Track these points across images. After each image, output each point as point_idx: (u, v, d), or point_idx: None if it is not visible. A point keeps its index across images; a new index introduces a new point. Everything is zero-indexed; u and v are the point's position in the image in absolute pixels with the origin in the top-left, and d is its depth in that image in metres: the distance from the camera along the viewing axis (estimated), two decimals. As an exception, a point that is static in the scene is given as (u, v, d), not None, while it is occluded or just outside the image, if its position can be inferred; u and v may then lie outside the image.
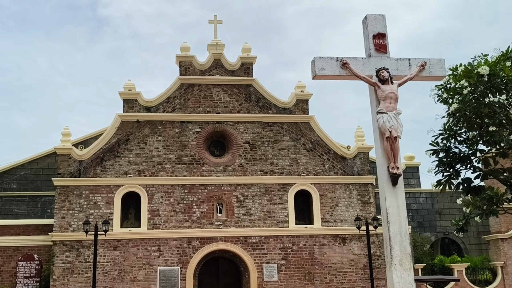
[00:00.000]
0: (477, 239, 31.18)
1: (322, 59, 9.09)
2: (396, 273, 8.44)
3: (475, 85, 13.13)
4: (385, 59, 9.35)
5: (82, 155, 25.96)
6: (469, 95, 13.10)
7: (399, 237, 8.60)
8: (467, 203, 15.83)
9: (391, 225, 8.62)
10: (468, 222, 16.52)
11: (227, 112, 27.20)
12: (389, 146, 8.77)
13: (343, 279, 25.75)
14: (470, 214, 16.15)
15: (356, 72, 9.09)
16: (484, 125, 13.80)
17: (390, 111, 8.89)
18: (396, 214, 8.69)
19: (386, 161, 8.85)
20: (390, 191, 8.75)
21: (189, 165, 26.41)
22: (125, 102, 26.96)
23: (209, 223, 25.83)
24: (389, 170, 8.78)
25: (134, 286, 24.66)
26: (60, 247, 24.77)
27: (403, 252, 8.55)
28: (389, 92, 8.93)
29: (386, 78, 9.00)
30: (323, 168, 27.03)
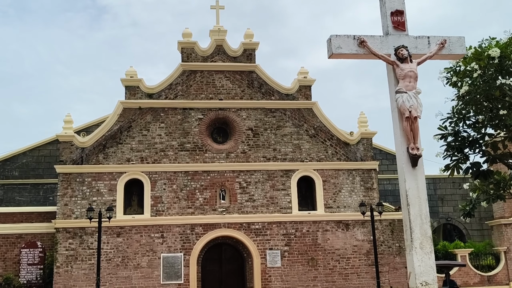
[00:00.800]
0: (480, 224, 30.99)
1: (339, 37, 8.71)
2: (417, 256, 8.14)
3: (486, 67, 12.81)
4: (404, 37, 8.96)
5: (84, 142, 25.56)
6: (479, 78, 12.78)
7: (419, 220, 8.29)
8: (474, 188, 15.58)
9: (411, 207, 8.30)
10: (475, 207, 16.28)
11: (229, 99, 26.80)
12: (408, 127, 8.42)
13: (347, 265, 25.53)
14: (477, 199, 15.92)
15: (374, 51, 8.71)
16: (494, 108, 13.49)
17: (410, 90, 8.54)
18: (416, 196, 8.38)
19: (406, 142, 8.51)
20: (409, 173, 8.43)
21: (191, 152, 26.05)
22: (127, 89, 26.52)
23: (212, 210, 25.53)
24: (408, 151, 8.45)
25: (138, 273, 24.39)
26: (63, 234, 24.45)
27: (423, 235, 8.24)
28: (409, 71, 8.57)
29: (405, 56, 8.64)
30: (326, 154, 26.70)
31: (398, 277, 25.56)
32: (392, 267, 25.40)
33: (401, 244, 26.12)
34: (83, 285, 23.96)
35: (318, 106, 27.12)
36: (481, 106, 13.61)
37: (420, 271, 8.09)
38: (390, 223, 26.24)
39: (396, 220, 26.32)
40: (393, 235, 26.18)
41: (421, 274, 8.10)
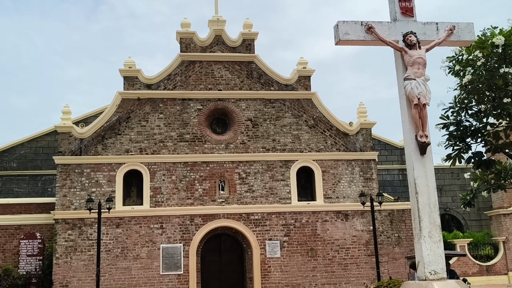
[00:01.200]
0: (478, 215, 30.95)
1: (346, 23, 8.51)
2: (426, 245, 7.99)
3: (489, 56, 12.64)
4: (412, 23, 8.77)
5: (83, 133, 25.32)
6: (482, 66, 12.62)
7: (427, 208, 8.14)
8: (475, 177, 15.46)
9: (419, 196, 8.15)
10: (475, 197, 16.18)
11: (228, 89, 26.58)
12: (417, 114, 8.25)
13: (346, 255, 25.45)
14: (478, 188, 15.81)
15: (382, 37, 8.52)
16: (496, 97, 13.33)
17: (418, 77, 8.35)
18: (425, 184, 8.21)
19: (414, 129, 8.33)
20: (418, 161, 8.26)
21: (191, 143, 25.85)
22: (126, 79, 26.25)
23: (211, 200, 25.37)
24: (417, 139, 8.27)
25: (137, 264, 24.25)
26: (62, 225, 24.26)
27: (432, 224, 8.10)
28: (417, 57, 8.38)
29: (414, 42, 8.45)
30: (325, 145, 26.55)
31: (397, 267, 25.50)
32: (391, 257, 25.35)
33: (400, 235, 26.05)
34: (83, 276, 23.81)
35: (317, 96, 26.93)
36: (484, 95, 13.46)
37: (429, 260, 7.95)
38: (389, 213, 26.15)
39: (395, 210, 26.23)
40: (392, 225, 26.10)
41: (430, 263, 7.96)
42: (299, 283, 24.93)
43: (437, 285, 7.63)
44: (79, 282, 23.74)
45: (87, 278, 23.71)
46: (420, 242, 8.03)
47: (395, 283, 15.81)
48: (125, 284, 23.42)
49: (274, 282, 24.83)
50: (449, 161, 13.95)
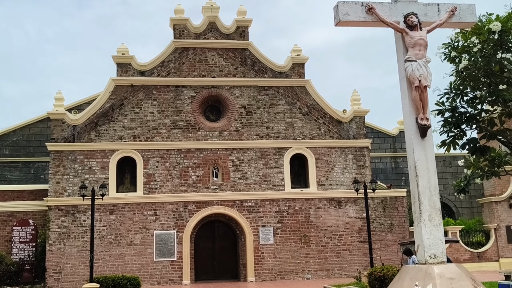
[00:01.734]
0: (469, 202, 30.98)
1: (346, 3, 8.29)
2: (425, 229, 7.86)
3: (485, 42, 12.49)
4: (413, 4, 8.56)
5: (76, 120, 24.99)
6: (479, 52, 12.47)
7: (428, 192, 7.99)
8: (469, 164, 15.37)
9: (420, 179, 7.99)
10: (469, 184, 16.10)
11: (222, 76, 26.30)
12: (418, 96, 8.06)
13: (339, 242, 25.39)
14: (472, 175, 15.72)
15: (382, 18, 8.31)
16: (492, 83, 13.20)
17: (420, 59, 8.16)
18: (425, 167, 8.06)
19: (415, 112, 8.16)
20: (418, 144, 8.09)
21: (184, 130, 25.59)
22: (119, 66, 25.89)
23: (205, 187, 25.18)
24: (417, 121, 8.10)
25: (131, 250, 24.06)
26: (55, 212, 24.00)
27: (432, 207, 7.96)
28: (418, 39, 8.19)
29: (415, 23, 8.25)
30: (318, 132, 26.38)
31: (389, 253, 25.49)
32: (384, 244, 25.33)
33: (393, 221, 26.01)
34: (76, 262, 23.60)
35: (311, 84, 26.72)
36: (479, 81, 13.32)
37: (429, 243, 7.83)
38: (382, 200, 26.09)
39: (388, 197, 26.17)
40: (385, 212, 26.05)
41: (430, 246, 7.83)
42: (292, 269, 24.87)
43: (437, 269, 7.50)
44: (72, 269, 23.54)
45: (80, 265, 23.50)
46: (420, 226, 7.89)
47: (388, 269, 15.70)
48: (119, 271, 23.23)
49: (268, 268, 24.75)
50: (444, 147, 13.83)
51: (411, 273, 7.62)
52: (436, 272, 7.44)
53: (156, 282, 23.87)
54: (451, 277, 7.41)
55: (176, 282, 23.95)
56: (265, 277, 24.58)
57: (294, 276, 24.79)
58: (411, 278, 7.54)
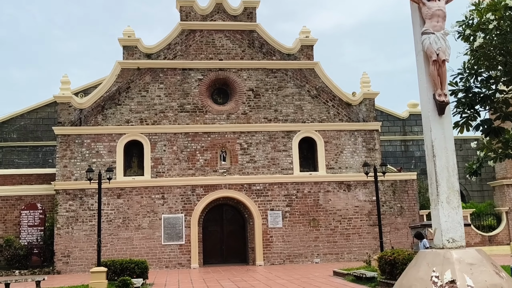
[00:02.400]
0: (479, 185, 30.37)
1: (359, -28, 7.69)
2: (443, 211, 7.34)
3: (502, 19, 11.86)
4: (430, -28, 7.94)
5: (83, 103, 24.58)
6: (494, 30, 11.85)
7: (446, 172, 7.46)
8: (482, 146, 14.84)
9: (437, 159, 7.46)
10: (481, 166, 15.59)
11: (230, 59, 25.72)
12: (435, 71, 7.51)
13: (348, 225, 24.94)
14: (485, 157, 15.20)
15: (397, -13, 7.72)
16: (508, 62, 12.60)
17: (438, 31, 7.59)
18: (443, 147, 7.52)
19: (432, 87, 7.61)
20: (436, 121, 7.55)
21: (191, 113, 25.12)
22: (125, 49, 25.38)
23: (213, 171, 24.76)
24: (435, 98, 7.55)
25: (139, 234, 23.77)
26: (63, 196, 23.71)
27: (450, 189, 7.43)
28: (437, 10, 7.61)
29: (433, -7, 7.65)
30: (328, 115, 25.81)
31: (399, 237, 25.03)
32: (393, 227, 24.86)
33: (403, 205, 25.51)
34: (84, 246, 23.34)
35: (320, 66, 26.09)
36: (495, 60, 12.72)
37: (447, 227, 7.31)
38: (392, 184, 25.56)
39: (398, 181, 25.64)
40: (394, 196, 25.53)
41: (448, 230, 7.32)
42: (301, 253, 24.48)
43: (456, 254, 7.01)
44: (80, 252, 23.29)
45: (88, 248, 23.25)
46: (437, 208, 7.38)
47: (399, 253, 15.22)
48: (127, 254, 22.96)
49: (276, 252, 24.38)
50: (457, 128, 13.29)
51: (428, 258, 7.13)
52: (454, 257, 6.95)
53: (165, 265, 23.58)
54: (471, 262, 6.92)
55: (184, 265, 23.65)
56: (274, 261, 24.24)
57: (303, 260, 24.41)
58: (428, 263, 7.05)
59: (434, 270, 6.86)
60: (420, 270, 7.08)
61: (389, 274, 15.15)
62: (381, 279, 15.46)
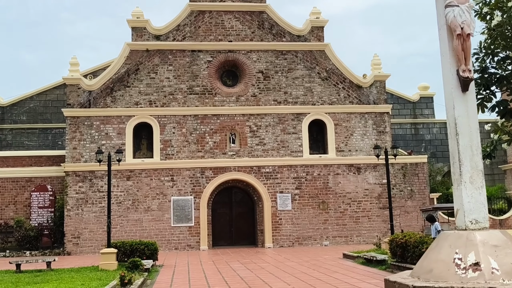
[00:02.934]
0: (490, 169, 29.93)
1: None
2: (466, 192, 7.03)
3: (522, -4, 11.40)
4: None
5: (92, 85, 24.30)
6: (513, 8, 11.40)
7: (469, 151, 7.13)
8: (496, 129, 14.46)
9: (460, 137, 7.12)
10: (495, 149, 15.24)
11: (239, 41, 25.28)
12: (460, 46, 7.13)
13: (358, 208, 24.67)
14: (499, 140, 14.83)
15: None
16: (527, 42, 12.16)
17: (462, 4, 7.20)
18: (466, 124, 7.18)
19: (456, 63, 7.23)
20: (459, 98, 7.19)
21: (201, 95, 24.78)
22: (134, 30, 25.00)
23: (222, 153, 24.48)
24: (459, 74, 7.19)
25: (148, 216, 23.61)
26: (73, 178, 23.55)
27: (474, 168, 7.11)
28: (461, -19, 7.20)
29: (458, -37, 7.24)
30: (338, 97, 25.39)
31: (409, 220, 24.74)
32: (403, 210, 24.54)
33: (413, 188, 25.17)
34: (94, 227, 23.23)
35: (330, 48, 25.61)
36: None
37: (470, 208, 7.00)
38: (402, 167, 25.20)
39: (408, 164, 25.27)
40: (405, 179, 25.19)
41: (471, 211, 7.02)
42: (310, 236, 24.26)
43: (479, 235, 6.70)
44: (90, 234, 23.18)
45: (98, 230, 23.14)
46: (460, 188, 7.06)
47: (410, 235, 14.93)
48: (136, 236, 22.83)
49: (285, 234, 24.17)
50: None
51: (450, 240, 6.82)
52: (478, 239, 6.64)
53: (174, 247, 23.45)
54: (495, 244, 6.61)
55: (193, 247, 23.51)
56: (283, 243, 24.04)
57: (312, 243, 24.20)
58: (450, 245, 6.75)
59: (456, 252, 6.57)
60: (441, 252, 6.79)
61: (400, 257, 14.89)
62: (392, 261, 15.20)
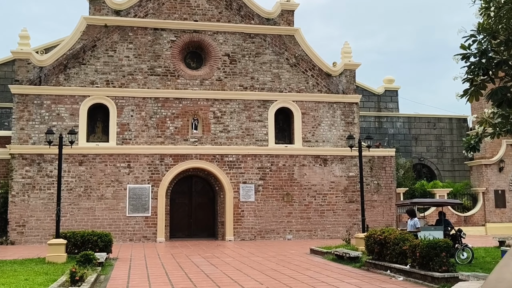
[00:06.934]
0: (451, 165, 29.39)
1: None
2: None
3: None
4: None
5: (43, 60, 22.04)
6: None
7: None
8: (481, 120, 13.47)
9: None
10: (480, 141, 14.29)
11: (205, 20, 23.53)
12: None
13: (323, 201, 23.47)
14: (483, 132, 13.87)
15: None
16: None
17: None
18: None
19: None
20: None
21: (162, 77, 22.93)
22: (92, 3, 22.87)
23: (183, 140, 22.75)
24: None
25: (101, 204, 21.66)
26: (19, 161, 21.30)
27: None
28: None
29: None
30: (306, 85, 24.05)
31: (375, 215, 23.75)
32: (369, 205, 23.47)
33: (380, 182, 24.19)
34: (42, 215, 21.10)
35: (300, 33, 24.21)
36: (515, 20, 11.20)
37: None
38: (370, 160, 24.15)
39: (375, 157, 24.26)
40: (372, 172, 24.16)
41: None
42: (273, 229, 22.91)
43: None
44: (37, 222, 21.05)
45: (46, 218, 21.03)
46: None
47: (390, 232, 13.75)
48: (88, 226, 20.88)
49: (247, 227, 22.73)
50: (466, 97, 11.77)
51: None
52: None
53: (129, 239, 21.61)
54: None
55: (150, 239, 21.73)
56: (244, 237, 22.60)
57: (275, 236, 22.86)
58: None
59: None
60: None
61: (378, 255, 13.70)
62: (368, 259, 13.99)
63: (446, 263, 10.95)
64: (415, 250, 11.61)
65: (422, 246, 11.34)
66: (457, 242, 14.51)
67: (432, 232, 14.00)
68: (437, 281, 10.64)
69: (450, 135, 29.79)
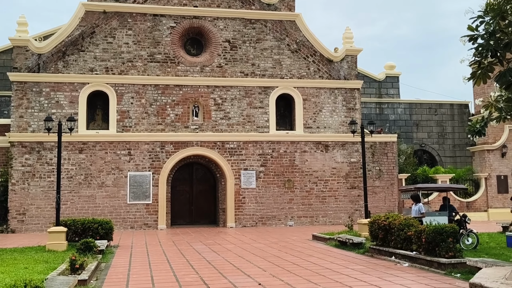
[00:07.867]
0: (452, 151, 29.06)
1: None
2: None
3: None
4: None
5: (42, 47, 21.62)
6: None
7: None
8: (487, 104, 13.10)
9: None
10: (486, 126, 13.91)
11: (205, 6, 23.07)
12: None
13: (324, 188, 23.16)
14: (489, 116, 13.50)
15: None
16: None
17: None
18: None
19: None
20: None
21: (162, 64, 22.51)
22: (90, -11, 22.37)
23: (184, 127, 22.40)
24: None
25: (102, 192, 21.36)
26: (18, 149, 20.96)
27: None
28: None
29: None
30: (307, 71, 23.64)
31: (376, 201, 23.46)
32: (371, 191, 23.16)
33: (382, 168, 23.89)
34: (42, 203, 20.81)
35: (301, 18, 23.75)
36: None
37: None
38: (372, 145, 23.82)
39: (377, 143, 23.93)
40: (373, 158, 23.84)
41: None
42: (275, 215, 22.63)
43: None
44: (37, 210, 20.76)
45: (46, 206, 20.74)
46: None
47: (394, 217, 13.46)
48: (89, 213, 20.60)
49: (248, 213, 22.45)
50: (473, 80, 11.39)
51: None
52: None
53: (130, 226, 21.34)
54: None
55: (151, 226, 21.46)
56: (246, 223, 22.33)
57: (276, 223, 22.58)
58: None
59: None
60: None
61: (382, 241, 13.40)
62: (372, 245, 13.71)
63: (452, 248, 10.66)
64: (421, 236, 11.32)
65: (428, 232, 11.05)
66: (462, 227, 14.22)
67: (437, 218, 13.71)
68: (444, 267, 10.36)
69: (452, 121, 29.42)
